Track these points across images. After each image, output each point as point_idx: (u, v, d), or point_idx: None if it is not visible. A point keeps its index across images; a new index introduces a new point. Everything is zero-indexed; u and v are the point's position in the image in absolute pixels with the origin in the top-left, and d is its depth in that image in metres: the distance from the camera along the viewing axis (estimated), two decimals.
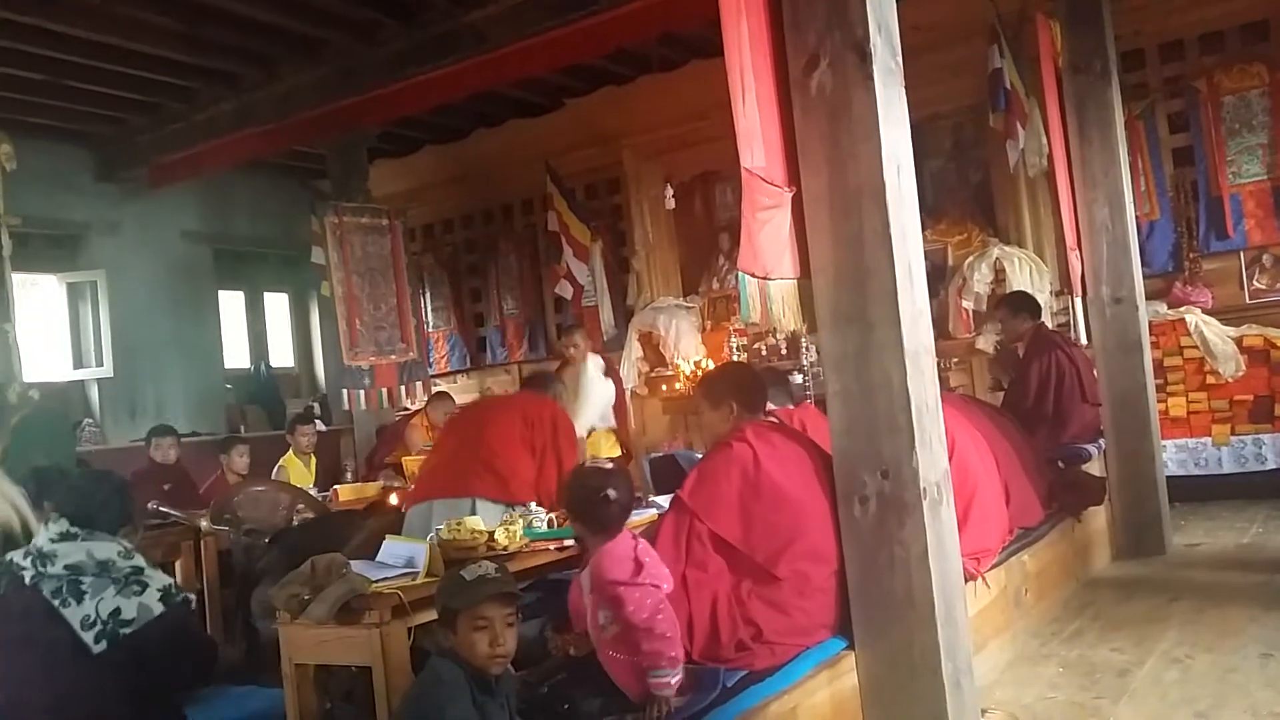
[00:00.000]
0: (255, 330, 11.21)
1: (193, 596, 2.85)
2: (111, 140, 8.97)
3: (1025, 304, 6.00)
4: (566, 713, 2.46)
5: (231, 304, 10.91)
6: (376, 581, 2.87)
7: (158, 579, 2.75)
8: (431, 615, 2.70)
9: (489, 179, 9.72)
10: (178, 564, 5.94)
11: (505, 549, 3.32)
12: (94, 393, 9.38)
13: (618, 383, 5.77)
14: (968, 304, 7.27)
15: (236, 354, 10.90)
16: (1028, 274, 6.99)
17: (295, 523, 5.22)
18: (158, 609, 2.68)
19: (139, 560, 2.76)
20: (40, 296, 9.28)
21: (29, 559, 2.68)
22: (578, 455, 4.29)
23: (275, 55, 7.58)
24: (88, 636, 2.60)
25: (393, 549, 3.22)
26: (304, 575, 2.83)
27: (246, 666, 5.19)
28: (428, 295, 10.31)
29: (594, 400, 5.03)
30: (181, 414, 9.63)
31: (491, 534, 3.34)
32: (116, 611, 2.63)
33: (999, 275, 7.11)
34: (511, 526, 3.42)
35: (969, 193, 7.71)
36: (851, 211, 2.95)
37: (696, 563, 2.90)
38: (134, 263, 9.42)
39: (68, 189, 8.91)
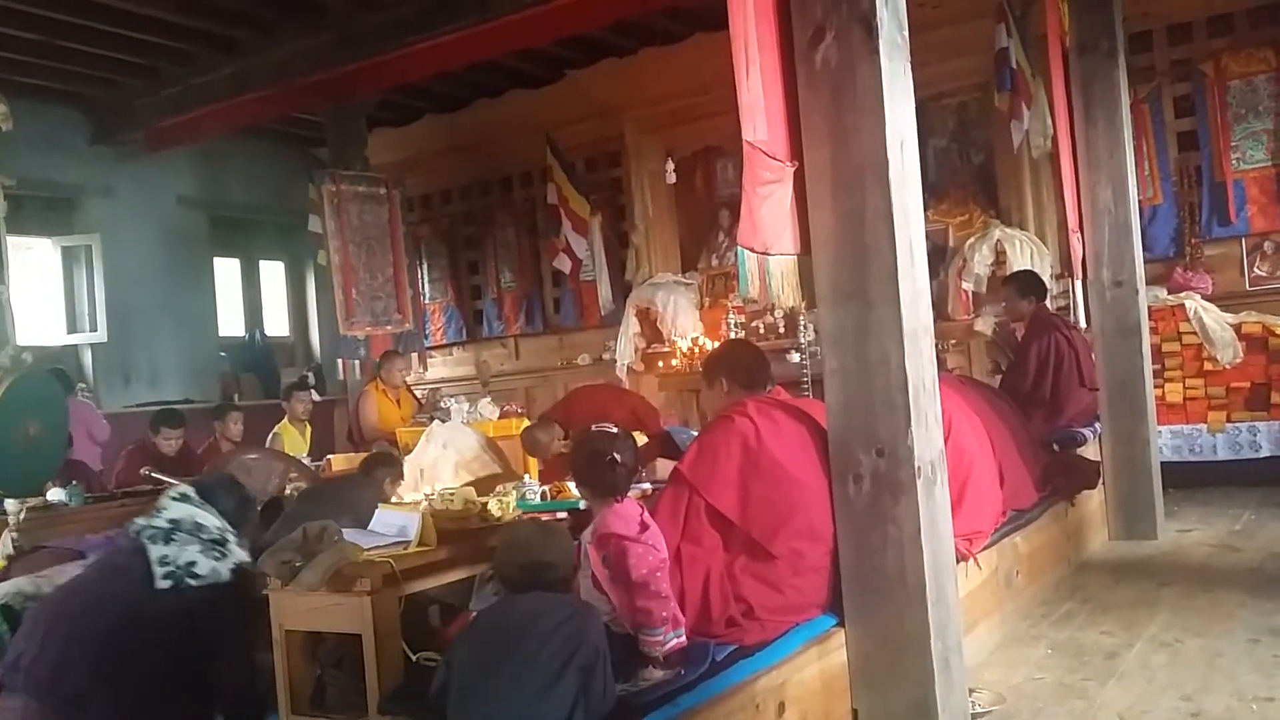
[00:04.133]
0: (250, 298, 11.16)
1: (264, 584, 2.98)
2: (108, 103, 8.89)
3: (1032, 285, 5.98)
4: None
5: (227, 271, 10.85)
6: (368, 550, 2.86)
7: (238, 554, 2.99)
8: (420, 586, 2.78)
9: (488, 150, 9.66)
10: None
11: (499, 520, 3.31)
12: (88, 357, 9.35)
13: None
14: (967, 285, 7.25)
15: (231, 322, 10.85)
16: (1029, 256, 6.97)
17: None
18: (228, 576, 2.90)
19: (231, 537, 3.02)
20: (34, 260, 9.23)
21: (145, 518, 2.97)
22: None
23: (274, 20, 7.51)
24: (158, 571, 2.83)
25: (385, 518, 3.22)
26: (295, 542, 2.82)
27: None
28: (425, 266, 10.26)
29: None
30: (175, 381, 9.62)
31: (485, 505, 3.33)
32: (192, 564, 2.87)
33: (1000, 257, 7.09)
34: (505, 498, 3.41)
35: (971, 173, 7.68)
36: (854, 187, 2.93)
37: (692, 537, 2.89)
38: (129, 227, 9.37)
39: (63, 152, 8.84)
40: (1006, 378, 5.90)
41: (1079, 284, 5.76)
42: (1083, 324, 5.78)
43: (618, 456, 2.75)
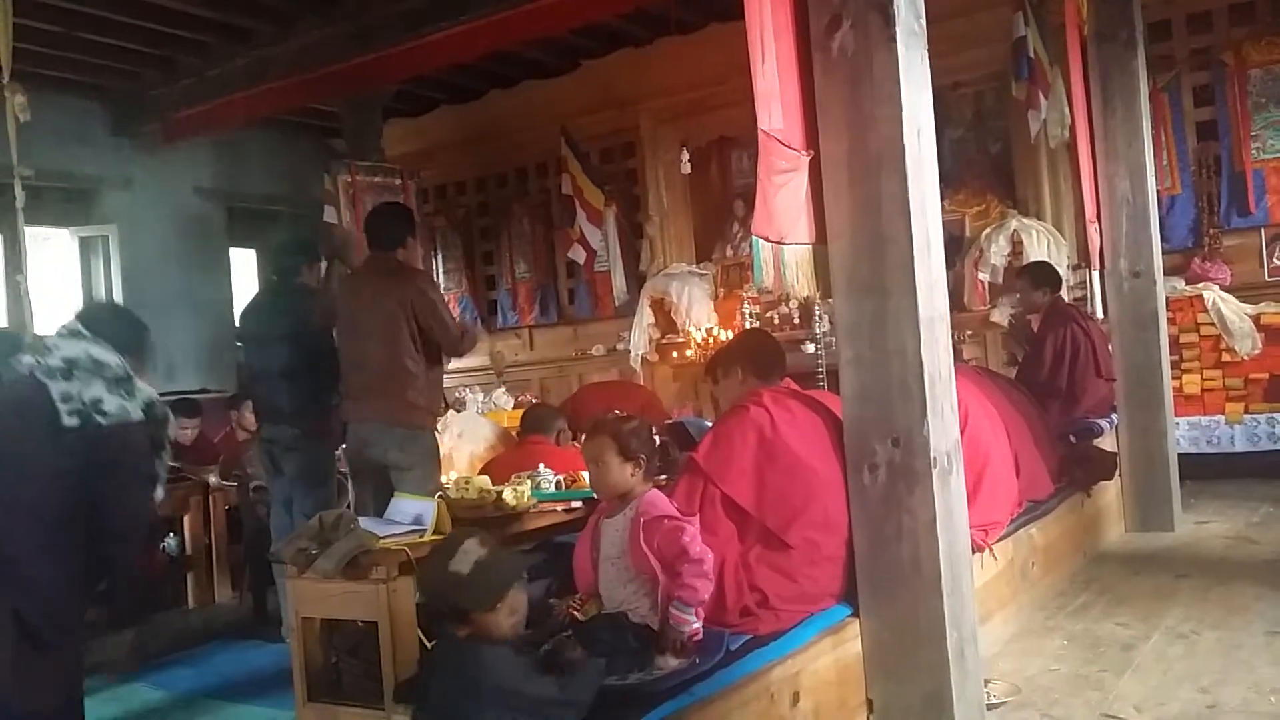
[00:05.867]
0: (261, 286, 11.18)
1: (170, 414, 2.96)
2: (126, 95, 8.91)
3: (1047, 276, 5.95)
4: (570, 668, 2.46)
5: (243, 262, 10.88)
6: (384, 538, 2.87)
7: (146, 392, 2.84)
8: None
9: (503, 141, 9.66)
10: (186, 519, 5.99)
11: (514, 509, 3.31)
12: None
13: None
14: (984, 276, 7.22)
15: None
16: (1045, 246, 6.92)
17: None
18: (138, 415, 2.77)
19: (134, 376, 2.84)
20: (52, 250, 9.28)
21: (32, 354, 2.80)
22: None
23: (290, 11, 7.51)
24: (63, 408, 2.70)
25: (401, 506, 3.23)
26: (312, 529, 2.83)
27: (253, 623, 5.26)
28: (440, 257, 10.28)
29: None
30: (192, 370, 9.66)
31: (499, 494, 3.34)
32: (99, 400, 2.73)
33: (1016, 247, 7.05)
34: (519, 487, 3.41)
35: (988, 163, 7.64)
36: (870, 176, 2.92)
37: (707, 526, 2.88)
38: (146, 218, 9.40)
39: (81, 143, 8.87)
40: (1023, 369, 5.88)
41: (1096, 274, 5.73)
42: (1100, 314, 5.74)
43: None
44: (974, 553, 3.24)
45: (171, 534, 6.05)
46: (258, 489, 5.36)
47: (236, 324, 10.04)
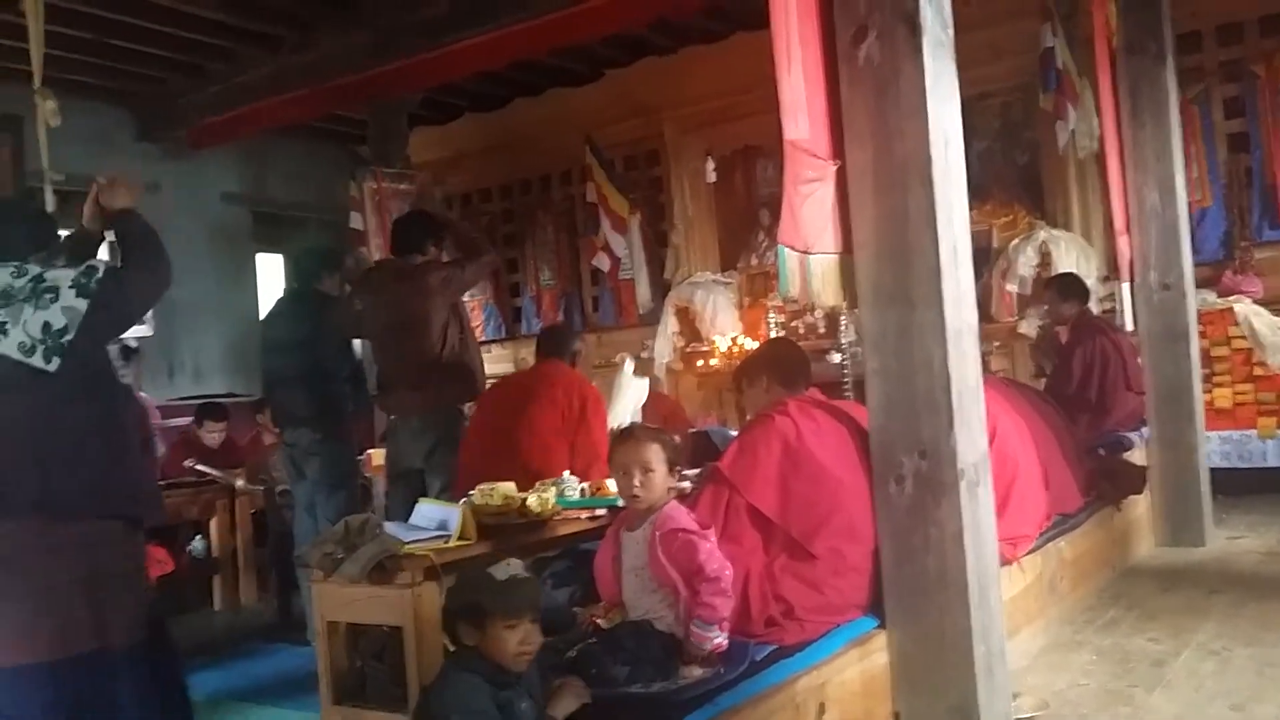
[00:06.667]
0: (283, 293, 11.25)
1: (103, 263, 2.66)
2: (153, 101, 8.99)
3: (1074, 288, 5.90)
4: (594, 677, 2.45)
5: (269, 267, 10.96)
6: (409, 543, 2.88)
7: (62, 277, 2.55)
8: None
9: (528, 149, 9.68)
10: (213, 522, 6.04)
11: (538, 516, 3.31)
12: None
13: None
14: (1011, 287, 7.16)
15: None
16: (1074, 258, 6.86)
17: None
18: (82, 305, 2.53)
19: (33, 269, 2.57)
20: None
21: None
22: (606, 433, 4.26)
23: (314, 19, 7.57)
24: (36, 360, 2.49)
25: (426, 511, 3.23)
26: (337, 534, 2.84)
27: (279, 626, 5.29)
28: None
29: (627, 399, 5.05)
30: (219, 374, 9.74)
31: (524, 500, 3.34)
32: (46, 326, 2.50)
33: (1045, 259, 6.99)
34: (544, 494, 3.41)
35: (1016, 174, 7.59)
36: (896, 186, 2.91)
37: (731, 536, 2.88)
38: (174, 223, 9.38)
39: (110, 148, 8.94)
40: (1051, 381, 5.83)
41: (1126, 287, 5.68)
42: (1129, 327, 5.69)
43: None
44: (1002, 566, 3.22)
45: (199, 536, 6.10)
46: (283, 493, 5.40)
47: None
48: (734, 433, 4.70)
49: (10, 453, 2.53)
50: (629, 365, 5.27)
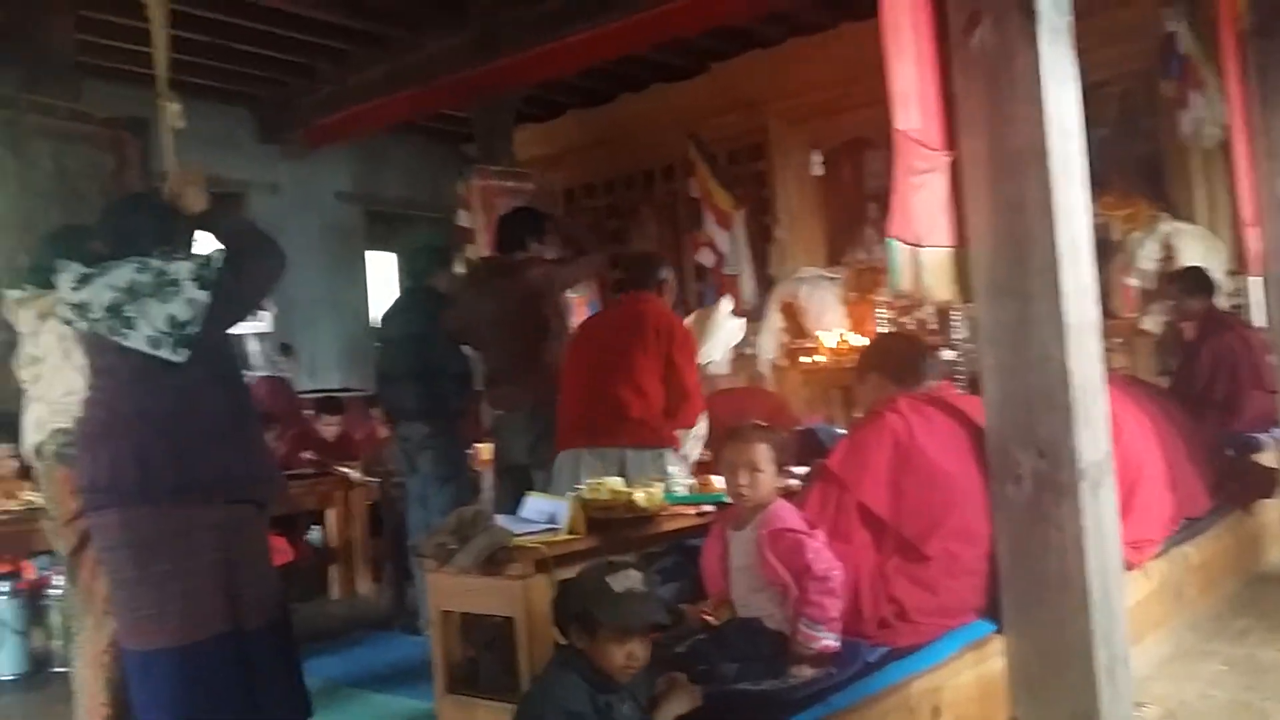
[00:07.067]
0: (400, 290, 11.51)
1: (220, 252, 2.74)
2: (271, 102, 9.30)
3: (1201, 282, 5.67)
4: (702, 674, 2.45)
5: (380, 264, 11.23)
6: (519, 535, 2.91)
7: (183, 269, 2.63)
8: (569, 573, 2.70)
9: (631, 144, 9.72)
10: (330, 513, 6.22)
11: (645, 511, 3.32)
12: (253, 346, 9.82)
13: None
14: (1133, 282, 6.90)
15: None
16: (1200, 252, 6.58)
17: None
18: (203, 296, 2.62)
19: (155, 263, 2.65)
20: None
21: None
22: (696, 371, 4.21)
23: (425, 19, 7.72)
24: (164, 352, 2.59)
25: (535, 505, 3.27)
26: (451, 525, 2.90)
27: (394, 616, 5.42)
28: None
29: (719, 338, 4.99)
30: (334, 369, 10.03)
31: (632, 496, 3.35)
32: (171, 319, 2.59)
33: (1168, 252, 6.71)
34: (652, 489, 3.42)
35: (1136, 165, 7.29)
36: (1012, 176, 2.82)
37: (841, 534, 2.84)
38: (291, 222, 9.74)
39: (231, 150, 9.28)
40: (1177, 379, 5.62)
41: (1256, 281, 5.42)
42: (1260, 323, 5.43)
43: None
44: (1125, 570, 3.10)
45: (316, 527, 6.29)
46: (397, 485, 5.52)
47: (375, 325, 10.42)
48: (841, 431, 4.64)
49: (149, 441, 2.64)
50: (726, 304, 5.18)
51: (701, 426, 4.09)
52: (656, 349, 4.01)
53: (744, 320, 5.37)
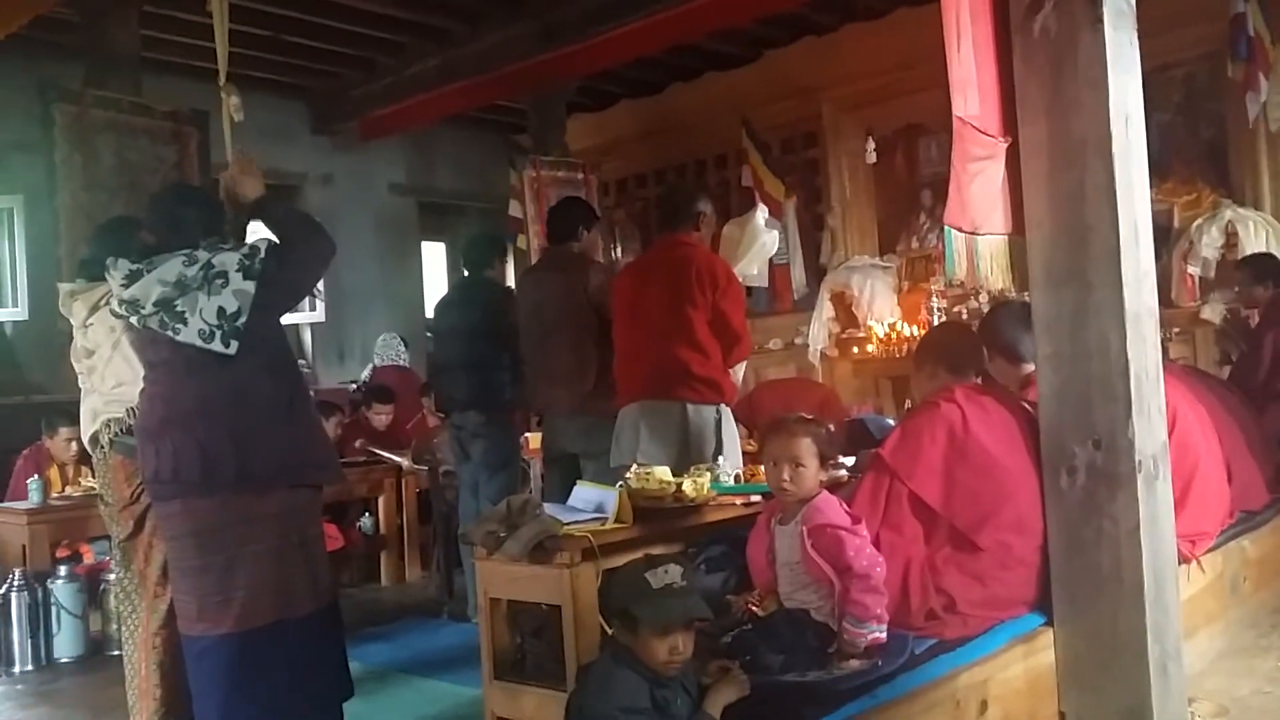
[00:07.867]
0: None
1: (264, 242, 2.77)
2: (326, 94, 9.41)
3: (1271, 269, 5.53)
4: (748, 664, 2.45)
5: (433, 255, 11.33)
6: (567, 524, 2.93)
7: (229, 261, 2.67)
8: (617, 562, 2.71)
9: (683, 133, 9.69)
10: (380, 500, 6.30)
11: (693, 501, 3.32)
12: (307, 336, 9.97)
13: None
14: (1194, 270, 6.74)
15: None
16: (1264, 239, 6.41)
17: None
18: (250, 286, 2.66)
19: (202, 255, 2.68)
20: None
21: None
22: (743, 312, 4.16)
23: (480, 10, 7.76)
24: (216, 345, 2.64)
25: (583, 494, 3.28)
26: (500, 513, 2.91)
27: (442, 602, 5.48)
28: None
29: (754, 252, 4.87)
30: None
31: (679, 485, 3.34)
32: (221, 311, 2.64)
33: (1230, 240, 6.56)
34: (699, 479, 3.41)
35: (1199, 149, 7.13)
36: (1073, 163, 2.78)
37: (892, 524, 2.81)
38: (345, 213, 9.88)
39: (287, 141, 9.41)
40: (1237, 369, 5.49)
41: None
42: None
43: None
44: (1180, 564, 3.04)
45: (367, 514, 6.38)
46: (447, 473, 5.58)
47: (428, 315, 10.52)
48: (891, 421, 4.59)
49: (209, 433, 2.70)
50: (760, 215, 5.08)
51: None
52: (704, 301, 3.97)
53: (778, 231, 5.27)
